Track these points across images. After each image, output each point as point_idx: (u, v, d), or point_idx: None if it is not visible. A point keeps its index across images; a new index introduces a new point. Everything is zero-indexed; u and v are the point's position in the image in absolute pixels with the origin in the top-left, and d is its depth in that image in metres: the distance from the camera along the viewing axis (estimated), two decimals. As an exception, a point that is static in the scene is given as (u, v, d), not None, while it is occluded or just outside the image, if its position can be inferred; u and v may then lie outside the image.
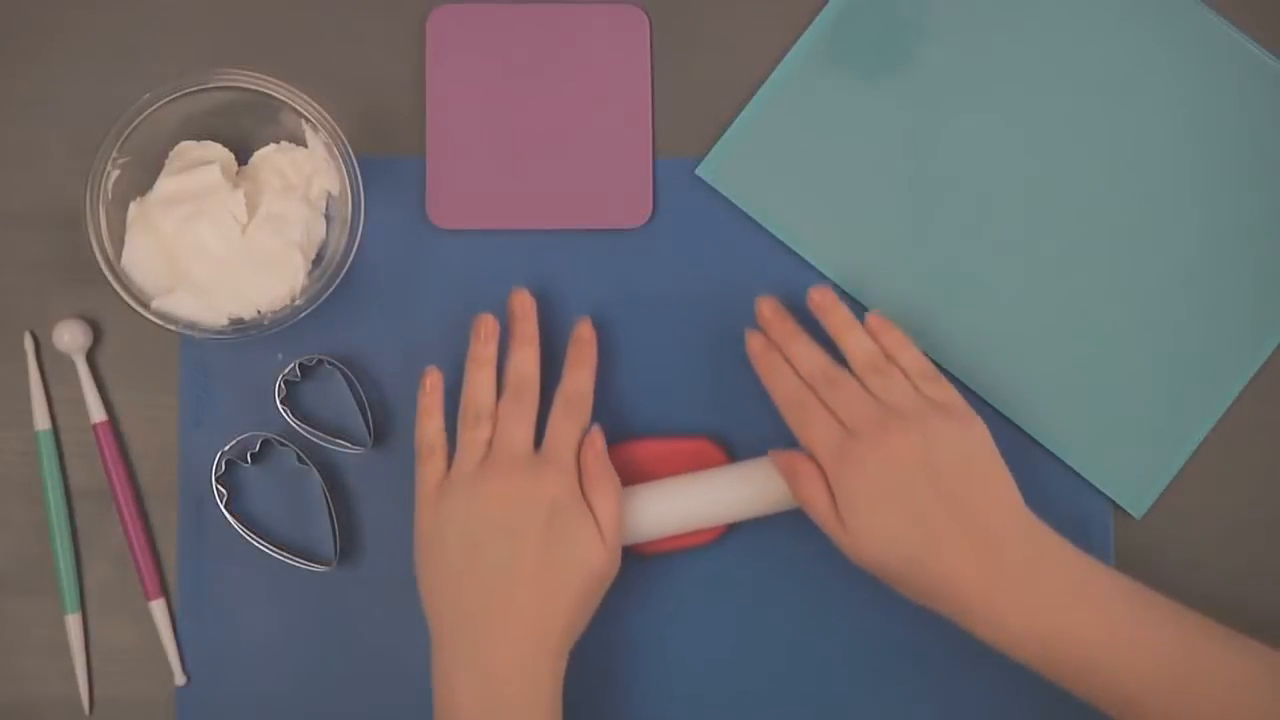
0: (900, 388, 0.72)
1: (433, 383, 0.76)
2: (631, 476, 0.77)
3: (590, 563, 0.71)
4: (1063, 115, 0.80)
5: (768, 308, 0.76)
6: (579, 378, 0.76)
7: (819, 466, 0.71)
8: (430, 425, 0.75)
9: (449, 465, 0.74)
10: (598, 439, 0.74)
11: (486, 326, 0.76)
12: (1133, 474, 0.79)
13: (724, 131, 0.80)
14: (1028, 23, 0.81)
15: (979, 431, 0.72)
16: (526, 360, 0.75)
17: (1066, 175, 0.80)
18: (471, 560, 0.71)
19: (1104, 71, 0.81)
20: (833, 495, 0.71)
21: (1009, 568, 0.68)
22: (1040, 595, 0.68)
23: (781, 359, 0.75)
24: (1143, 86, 0.81)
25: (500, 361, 0.76)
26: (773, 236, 0.79)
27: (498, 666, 0.69)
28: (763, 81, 0.80)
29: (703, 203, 0.80)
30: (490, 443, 0.73)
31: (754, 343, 0.76)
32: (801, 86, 0.80)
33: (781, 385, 0.74)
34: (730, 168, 0.80)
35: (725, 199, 0.80)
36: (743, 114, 0.80)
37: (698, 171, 0.80)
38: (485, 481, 0.72)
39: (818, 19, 0.81)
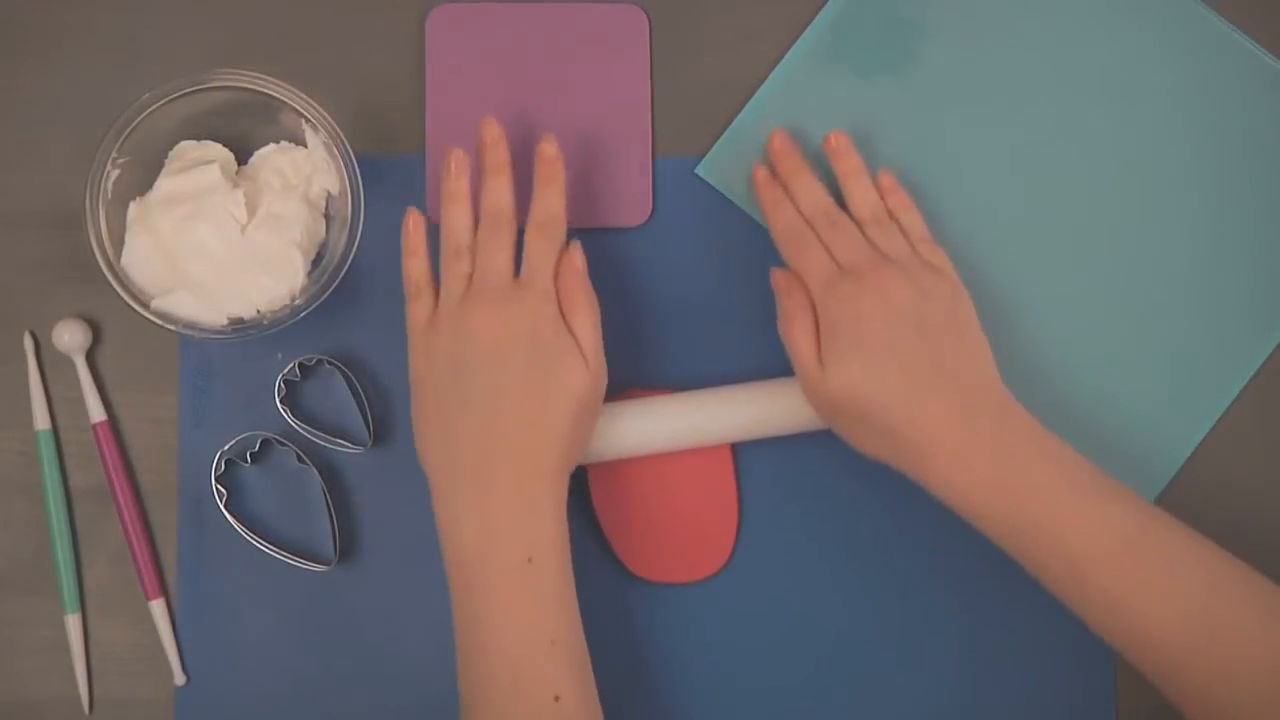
0: (898, 242, 0.74)
1: (415, 222, 0.74)
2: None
3: (574, 384, 0.71)
4: (1062, 115, 0.80)
5: (778, 140, 0.77)
6: (548, 197, 0.74)
7: (810, 296, 0.72)
8: (415, 265, 0.74)
9: (436, 304, 0.73)
10: (575, 257, 0.73)
11: (456, 160, 0.74)
12: (1133, 474, 0.79)
13: (724, 131, 0.80)
14: (1027, 23, 0.81)
15: (965, 298, 0.73)
16: (500, 189, 0.74)
17: (1066, 175, 0.80)
18: (461, 395, 0.70)
19: (1104, 71, 0.81)
20: (816, 329, 0.71)
21: (980, 421, 0.69)
22: (1006, 449, 0.69)
23: (784, 193, 0.76)
24: (1142, 87, 0.81)
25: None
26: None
27: (495, 494, 0.69)
28: (763, 81, 0.80)
29: (703, 202, 0.80)
30: (471, 276, 0.73)
31: (759, 173, 0.77)
32: (801, 86, 0.80)
33: (781, 218, 0.75)
34: (730, 167, 0.80)
35: (725, 198, 0.80)
36: (743, 113, 0.80)
37: (698, 170, 0.80)
38: (469, 315, 0.71)
39: (818, 19, 0.81)
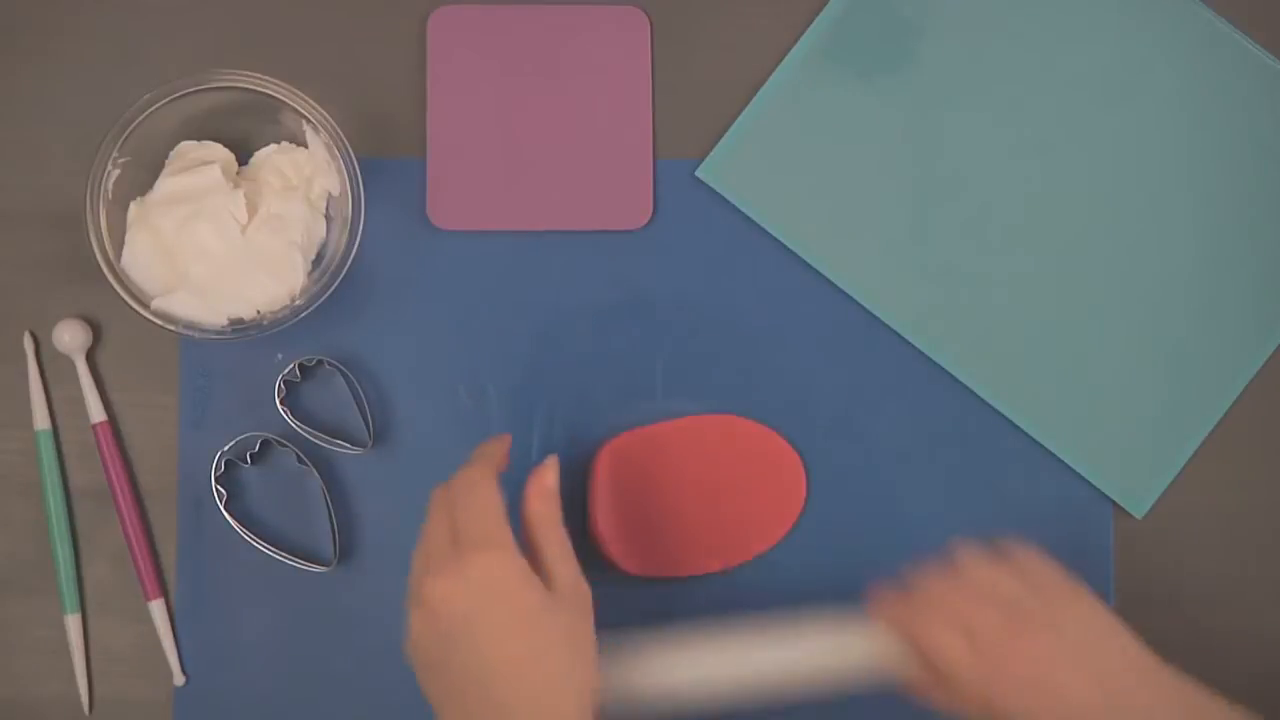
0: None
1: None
2: (659, 458, 0.77)
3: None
4: (1063, 115, 0.80)
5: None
6: None
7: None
8: None
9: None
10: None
11: None
12: (1133, 474, 0.79)
13: (724, 132, 0.80)
14: (1028, 23, 0.81)
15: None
16: None
17: (1067, 176, 0.80)
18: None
19: (1104, 72, 0.81)
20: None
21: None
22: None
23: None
24: (1143, 87, 0.81)
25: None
26: (773, 238, 0.79)
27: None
28: (763, 82, 0.80)
29: (703, 204, 0.80)
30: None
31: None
32: (802, 87, 0.80)
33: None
34: (730, 169, 0.80)
35: (726, 200, 0.80)
36: (743, 115, 0.80)
37: (698, 173, 0.80)
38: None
39: (818, 19, 0.80)
